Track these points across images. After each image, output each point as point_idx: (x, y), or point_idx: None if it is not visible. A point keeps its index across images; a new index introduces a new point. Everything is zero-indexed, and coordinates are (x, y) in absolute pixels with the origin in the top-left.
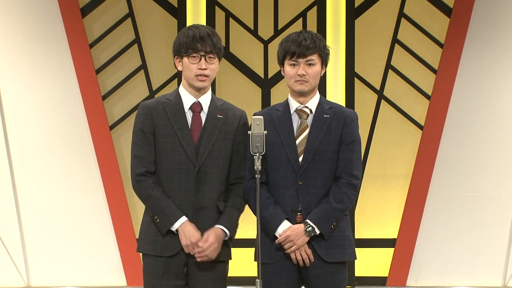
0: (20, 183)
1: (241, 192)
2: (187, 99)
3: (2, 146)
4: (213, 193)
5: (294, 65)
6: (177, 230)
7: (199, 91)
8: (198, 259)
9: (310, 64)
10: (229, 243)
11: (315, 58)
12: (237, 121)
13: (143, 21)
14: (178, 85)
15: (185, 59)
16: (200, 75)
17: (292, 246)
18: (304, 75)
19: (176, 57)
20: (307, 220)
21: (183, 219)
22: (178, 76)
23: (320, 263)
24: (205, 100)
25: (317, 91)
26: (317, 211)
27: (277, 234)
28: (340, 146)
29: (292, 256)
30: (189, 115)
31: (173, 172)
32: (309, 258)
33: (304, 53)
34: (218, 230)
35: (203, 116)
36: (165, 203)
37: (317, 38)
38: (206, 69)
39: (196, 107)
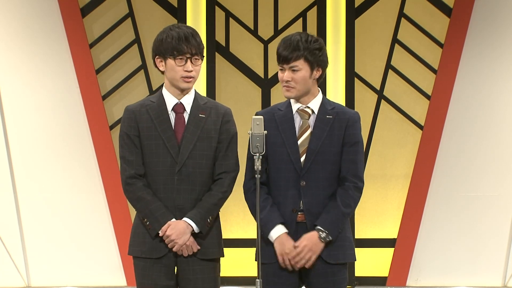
0: (20, 183)
1: (220, 185)
2: (170, 100)
3: (2, 146)
4: (194, 194)
5: (281, 70)
6: None
7: (182, 91)
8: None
9: (294, 70)
10: (218, 238)
11: (299, 64)
12: (220, 119)
13: (143, 21)
14: None
15: (170, 61)
16: (186, 77)
17: (311, 256)
18: (288, 81)
19: (158, 57)
20: (319, 227)
21: (171, 220)
22: None
23: (321, 263)
24: (188, 100)
25: (319, 92)
26: (327, 216)
27: (269, 238)
28: (343, 147)
29: (307, 266)
30: (172, 117)
31: (158, 175)
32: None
33: (287, 58)
34: (181, 222)
35: (186, 116)
36: (155, 205)
37: (304, 42)
38: (192, 71)
39: (178, 108)
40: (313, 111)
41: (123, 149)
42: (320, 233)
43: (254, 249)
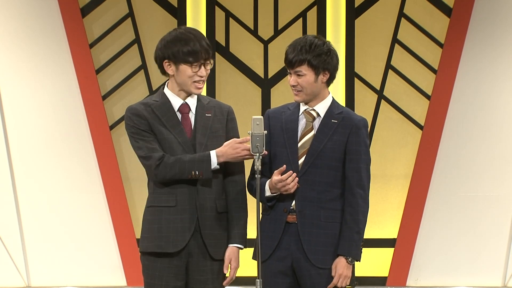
0: (20, 183)
1: (238, 194)
2: (175, 101)
3: (2, 146)
4: (212, 193)
5: (290, 73)
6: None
7: (190, 94)
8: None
9: (299, 75)
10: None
11: (303, 69)
12: (225, 117)
13: (143, 21)
14: None
15: (184, 66)
16: (199, 82)
17: (348, 280)
18: (295, 85)
19: (166, 61)
20: (342, 255)
21: (213, 151)
22: None
23: (315, 266)
24: (192, 100)
25: (329, 94)
26: (345, 243)
27: (267, 190)
28: (346, 155)
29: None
30: (178, 117)
31: None
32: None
33: (291, 63)
34: (235, 250)
35: (192, 116)
36: (189, 156)
37: (308, 47)
38: (204, 75)
39: (184, 108)
40: (318, 114)
41: (140, 142)
42: (347, 258)
43: (252, 248)
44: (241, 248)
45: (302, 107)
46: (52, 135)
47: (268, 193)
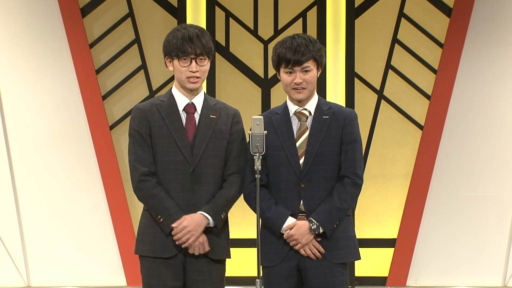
0: (20, 183)
1: (232, 183)
2: (181, 100)
3: (2, 146)
4: (208, 193)
5: (290, 72)
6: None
7: (192, 92)
8: (177, 243)
9: (306, 71)
10: (225, 236)
11: (310, 64)
12: (230, 120)
13: (143, 21)
14: None
15: (176, 61)
16: (192, 77)
17: (297, 245)
18: (301, 83)
19: (166, 57)
20: (311, 219)
21: (186, 217)
22: None
23: (321, 264)
24: (198, 100)
25: (315, 93)
26: (321, 210)
27: (283, 231)
28: (341, 146)
29: (302, 252)
30: (183, 116)
31: (170, 173)
32: (319, 251)
33: (300, 60)
34: (197, 215)
35: (197, 116)
36: (169, 203)
37: (310, 43)
38: (197, 71)
39: (190, 108)
40: (310, 113)
41: (135, 147)
42: (311, 224)
43: (255, 249)
44: (208, 223)
45: (292, 108)
46: (52, 135)
47: (286, 226)
